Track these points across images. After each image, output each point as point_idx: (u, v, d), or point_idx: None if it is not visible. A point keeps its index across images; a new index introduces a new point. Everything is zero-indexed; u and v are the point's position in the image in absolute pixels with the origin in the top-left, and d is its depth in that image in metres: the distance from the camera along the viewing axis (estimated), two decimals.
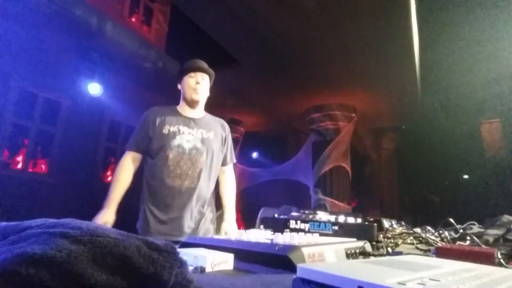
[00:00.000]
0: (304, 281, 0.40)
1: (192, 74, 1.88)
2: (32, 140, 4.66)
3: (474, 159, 9.37)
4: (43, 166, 4.82)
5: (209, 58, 2.14)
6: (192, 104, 1.90)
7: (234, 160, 2.07)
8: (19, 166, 4.59)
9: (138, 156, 1.83)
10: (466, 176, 10.68)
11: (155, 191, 1.76)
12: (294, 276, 0.42)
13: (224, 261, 0.61)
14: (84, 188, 5.21)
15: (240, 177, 8.42)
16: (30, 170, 4.69)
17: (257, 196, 9.07)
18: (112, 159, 5.81)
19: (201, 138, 1.84)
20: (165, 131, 1.79)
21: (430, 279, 0.38)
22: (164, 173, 1.75)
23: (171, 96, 2.40)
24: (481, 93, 7.48)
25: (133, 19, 5.64)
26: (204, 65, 1.94)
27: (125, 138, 5.89)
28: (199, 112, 1.94)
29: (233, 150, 2.08)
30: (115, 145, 5.78)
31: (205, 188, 1.83)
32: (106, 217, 1.67)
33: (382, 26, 4.72)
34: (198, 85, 1.86)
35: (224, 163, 2.00)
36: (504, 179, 7.93)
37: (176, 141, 1.78)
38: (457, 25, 5.62)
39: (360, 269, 0.45)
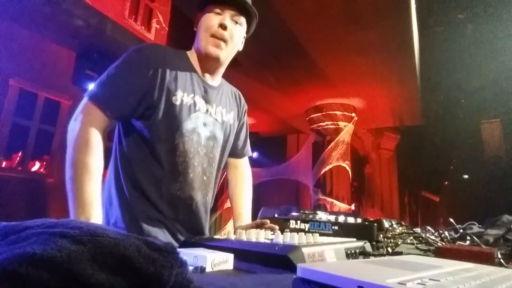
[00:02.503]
0: (304, 281, 0.40)
1: (217, 9, 1.08)
2: (32, 140, 4.66)
3: (474, 159, 9.37)
4: (42, 166, 4.82)
5: None
6: (207, 61, 1.12)
7: (250, 153, 1.41)
8: (19, 166, 4.58)
9: (112, 123, 1.04)
10: (466, 176, 10.68)
11: (148, 198, 1.04)
12: (294, 276, 0.42)
13: (224, 261, 0.61)
14: None
15: None
16: (30, 170, 4.69)
17: (257, 196, 9.05)
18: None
19: (221, 121, 1.17)
20: (176, 100, 1.04)
21: (430, 279, 0.38)
22: (167, 176, 1.04)
23: None
24: (481, 93, 7.48)
25: (133, 19, 5.63)
26: None
27: None
28: (217, 76, 1.20)
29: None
30: None
31: (210, 203, 1.19)
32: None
33: (382, 26, 4.73)
34: (224, 31, 1.07)
35: (239, 154, 1.36)
36: (504, 179, 7.93)
37: (190, 123, 1.06)
38: (457, 25, 5.63)
39: (360, 269, 0.45)
